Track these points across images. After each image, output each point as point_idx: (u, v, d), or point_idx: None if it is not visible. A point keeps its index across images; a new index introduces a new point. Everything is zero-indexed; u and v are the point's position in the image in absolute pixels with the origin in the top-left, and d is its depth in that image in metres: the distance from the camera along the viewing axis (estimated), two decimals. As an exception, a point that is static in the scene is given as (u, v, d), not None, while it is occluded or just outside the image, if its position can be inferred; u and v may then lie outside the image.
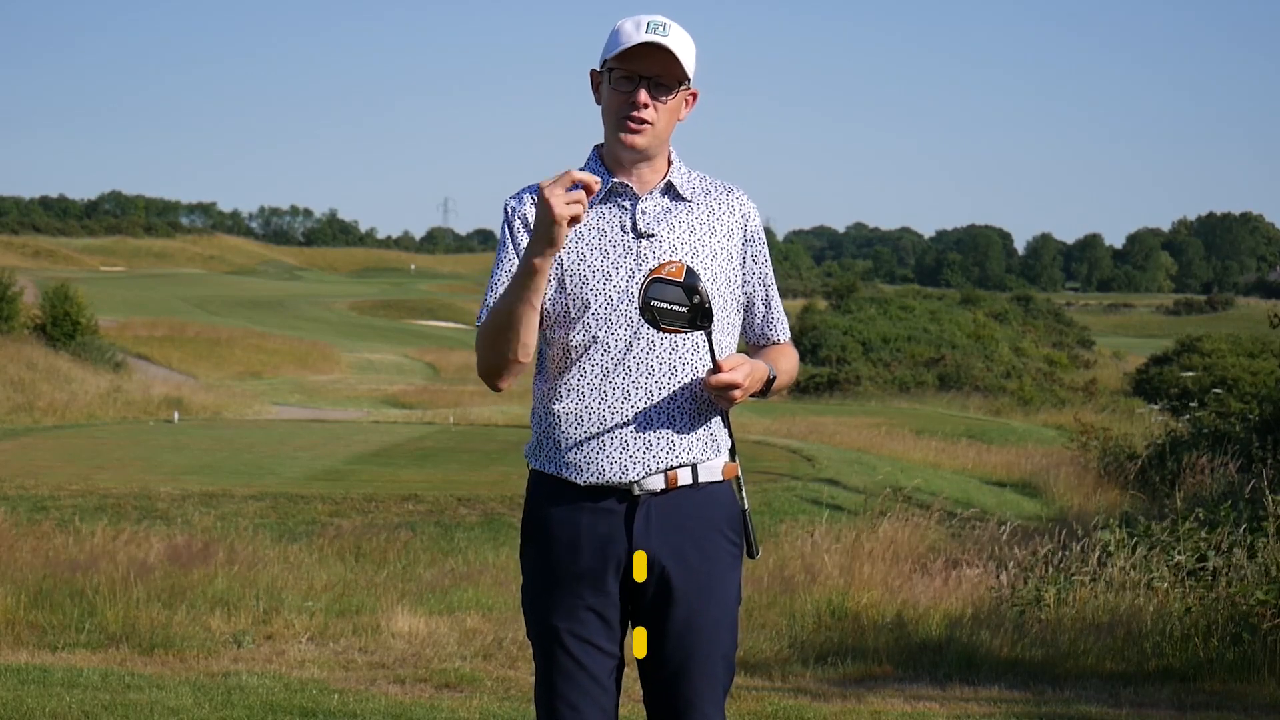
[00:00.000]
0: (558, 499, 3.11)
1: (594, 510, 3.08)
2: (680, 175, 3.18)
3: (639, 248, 3.10)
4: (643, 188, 3.14)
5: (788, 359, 3.27)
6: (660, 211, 3.13)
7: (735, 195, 3.22)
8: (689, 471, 3.10)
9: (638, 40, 3.02)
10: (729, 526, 3.14)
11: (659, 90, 3.07)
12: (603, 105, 3.13)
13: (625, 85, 3.06)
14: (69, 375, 34.73)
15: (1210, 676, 7.21)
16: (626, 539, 3.06)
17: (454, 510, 14.73)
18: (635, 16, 3.07)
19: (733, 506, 3.17)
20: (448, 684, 7.06)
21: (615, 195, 3.13)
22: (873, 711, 6.54)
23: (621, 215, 3.12)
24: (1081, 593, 8.34)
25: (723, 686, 3.14)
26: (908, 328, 49.14)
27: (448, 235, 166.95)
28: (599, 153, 3.19)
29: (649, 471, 3.06)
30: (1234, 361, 37.19)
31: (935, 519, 12.53)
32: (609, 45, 3.08)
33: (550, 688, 3.08)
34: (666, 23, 3.06)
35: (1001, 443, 26.35)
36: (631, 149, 3.09)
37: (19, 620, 8.50)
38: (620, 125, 3.08)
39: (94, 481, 16.00)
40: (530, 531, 3.18)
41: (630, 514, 3.07)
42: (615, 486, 3.07)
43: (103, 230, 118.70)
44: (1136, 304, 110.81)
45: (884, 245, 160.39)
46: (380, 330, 65.30)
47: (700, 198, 3.18)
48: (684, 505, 3.09)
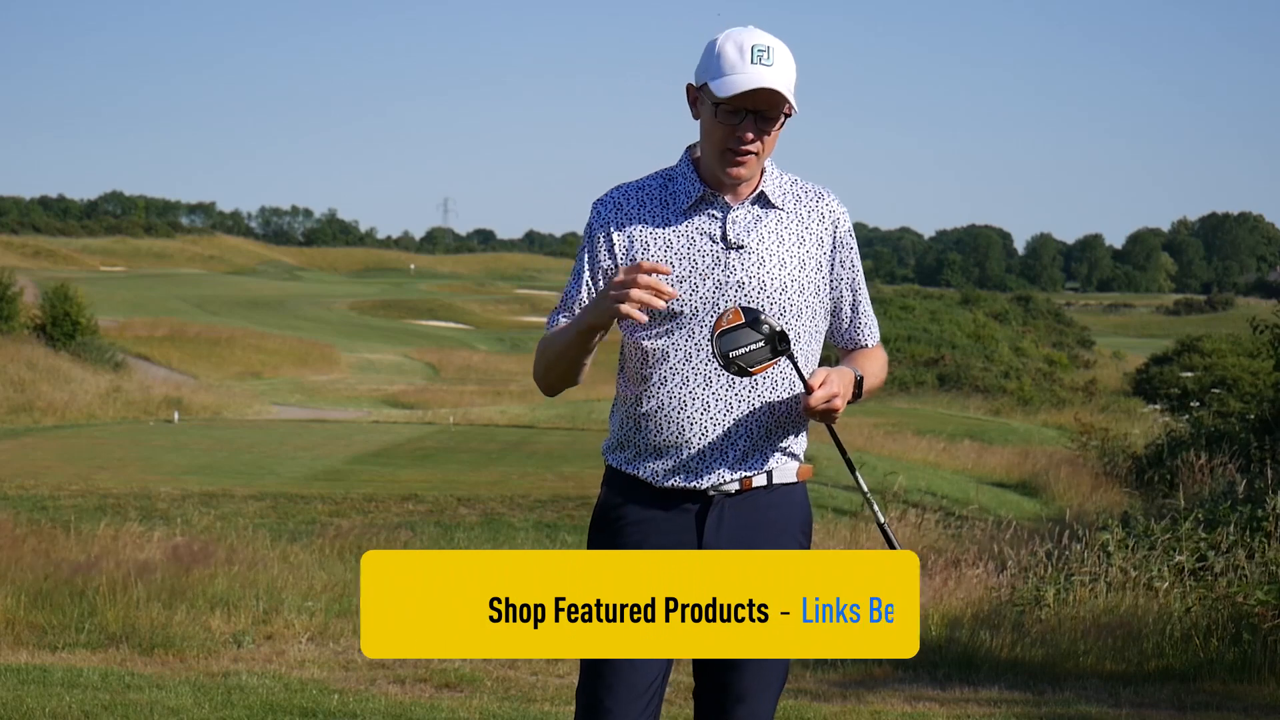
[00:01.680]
0: (633, 497, 3.13)
1: (667, 509, 3.10)
2: (773, 182, 3.14)
3: (728, 259, 3.08)
4: (735, 198, 3.11)
5: (874, 361, 3.27)
6: (750, 221, 3.11)
7: (826, 200, 3.18)
8: (765, 475, 3.12)
9: (748, 83, 2.96)
10: (800, 528, 3.17)
11: (765, 123, 3.03)
12: (703, 128, 3.08)
13: (731, 119, 3.02)
14: (69, 375, 34.75)
15: (1210, 676, 7.22)
16: (697, 539, 3.08)
17: (454, 510, 14.74)
18: (736, 36, 3.01)
19: (805, 508, 3.19)
20: (448, 684, 7.06)
21: (706, 204, 3.11)
22: (873, 711, 6.55)
23: (712, 225, 3.10)
24: (1081, 593, 8.35)
25: (776, 684, 3.14)
26: (908, 328, 49.18)
27: (448, 235, 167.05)
28: (691, 156, 3.16)
29: (724, 481, 3.09)
30: (1234, 361, 37.19)
31: (935, 519, 12.53)
32: (710, 68, 3.01)
33: (594, 682, 3.07)
34: (770, 46, 3.01)
35: (1001, 443, 26.37)
36: (737, 180, 3.07)
37: (19, 620, 8.50)
38: (725, 159, 3.05)
39: (94, 481, 16.01)
40: (601, 525, 3.18)
41: (703, 513, 3.09)
42: (690, 490, 3.09)
43: (103, 230, 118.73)
44: (1136, 304, 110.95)
45: (884, 245, 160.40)
46: (380, 330, 65.33)
47: (790, 204, 3.15)
48: (758, 506, 3.11)
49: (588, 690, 3.08)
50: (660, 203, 3.12)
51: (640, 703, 3.05)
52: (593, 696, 3.06)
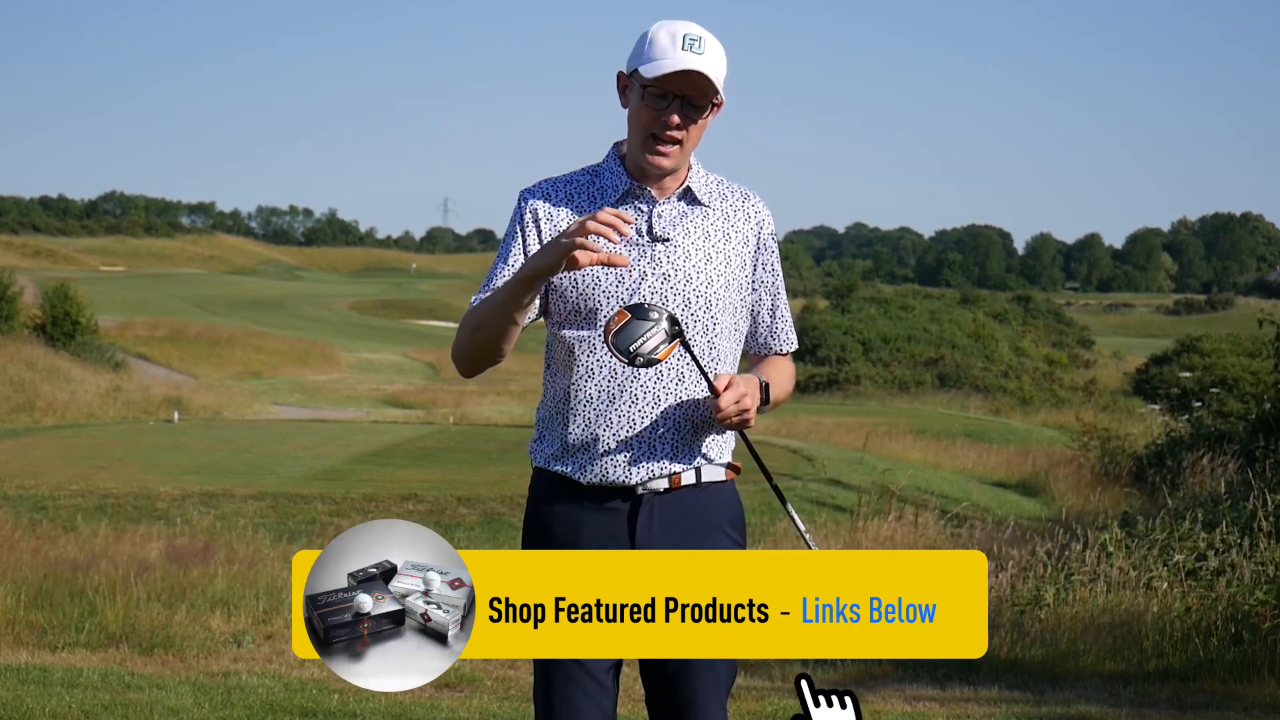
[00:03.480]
0: (561, 497, 3.11)
1: (597, 509, 3.08)
2: (699, 180, 3.15)
3: (654, 251, 3.08)
4: (661, 192, 3.12)
5: (783, 371, 3.24)
6: (676, 216, 3.12)
7: (752, 201, 3.20)
8: (693, 472, 3.10)
9: (676, 64, 2.97)
10: (731, 525, 3.15)
11: (692, 110, 3.03)
12: (630, 114, 3.09)
13: (658, 103, 3.02)
14: (69, 375, 34.73)
15: (1210, 676, 7.21)
16: (629, 538, 3.06)
17: (454, 510, 14.74)
18: (669, 25, 3.02)
19: (736, 505, 3.18)
20: (448, 684, 7.05)
21: (633, 198, 3.12)
22: (873, 711, 6.54)
23: (638, 218, 3.10)
24: (1081, 593, 8.35)
25: (725, 685, 3.13)
26: (907, 327, 49.14)
27: (448, 235, 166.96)
28: (618, 151, 3.17)
29: (652, 476, 3.07)
30: (1234, 361, 37.16)
31: (935, 519, 12.53)
32: (641, 54, 3.03)
33: (549, 686, 3.08)
34: (702, 37, 3.01)
35: (1001, 443, 26.34)
36: (659, 169, 3.07)
37: (19, 620, 8.50)
38: (648, 145, 3.05)
39: (94, 481, 16.01)
40: (532, 529, 3.17)
41: (633, 513, 3.07)
42: (618, 487, 3.07)
43: (103, 230, 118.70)
44: (1136, 304, 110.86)
45: (884, 245, 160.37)
46: (380, 330, 65.31)
47: (717, 203, 3.16)
48: (687, 504, 3.09)
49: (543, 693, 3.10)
50: (588, 196, 3.13)
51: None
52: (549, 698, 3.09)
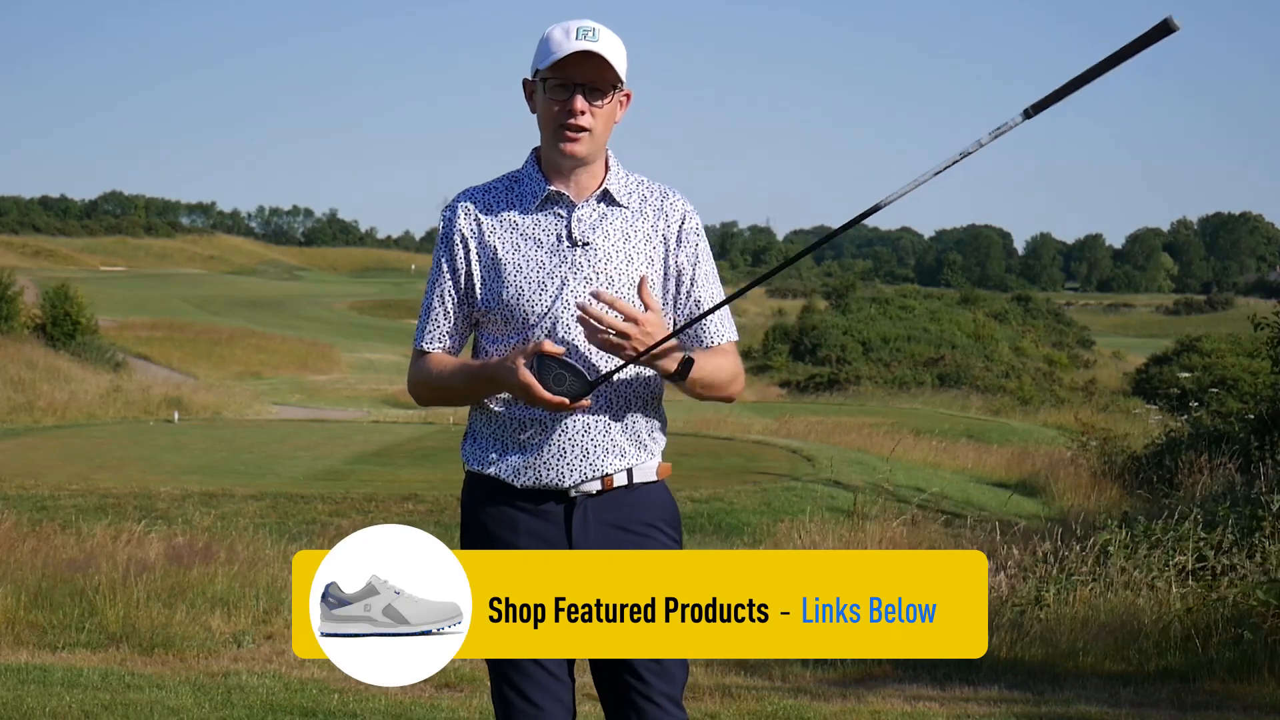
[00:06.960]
0: (495, 499, 3.13)
1: (531, 512, 3.10)
2: (617, 181, 3.16)
3: (574, 256, 3.09)
4: (579, 195, 3.13)
5: (719, 357, 3.18)
6: (596, 218, 3.13)
7: (671, 199, 3.19)
8: (624, 474, 3.11)
9: (569, 49, 3.01)
10: (668, 524, 3.16)
11: (594, 96, 3.06)
12: (539, 114, 3.13)
13: (560, 94, 3.06)
14: (69, 375, 34.73)
15: (1210, 676, 7.21)
16: (566, 540, 3.07)
17: (454, 510, 14.72)
18: (564, 23, 3.07)
19: (671, 505, 3.19)
20: (448, 684, 7.05)
21: (552, 203, 3.13)
22: (873, 711, 6.54)
23: (558, 224, 3.11)
24: (1081, 593, 8.34)
25: (680, 678, 3.13)
26: (907, 327, 49.18)
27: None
28: (536, 157, 3.19)
29: (585, 478, 3.08)
30: (1233, 361, 37.20)
31: (935, 519, 12.53)
32: (540, 54, 3.07)
33: (507, 684, 3.08)
34: (596, 27, 3.05)
35: (1001, 443, 26.33)
36: (572, 157, 3.09)
37: (19, 620, 8.50)
38: (558, 135, 3.08)
39: (94, 481, 16.00)
40: (469, 531, 3.20)
41: (568, 515, 3.08)
42: (551, 489, 3.08)
43: (103, 230, 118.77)
44: (1136, 304, 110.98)
45: (884, 245, 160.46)
46: (380, 330, 65.33)
47: (636, 203, 3.17)
48: (621, 505, 3.11)
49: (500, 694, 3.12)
50: (508, 204, 3.15)
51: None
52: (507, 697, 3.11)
